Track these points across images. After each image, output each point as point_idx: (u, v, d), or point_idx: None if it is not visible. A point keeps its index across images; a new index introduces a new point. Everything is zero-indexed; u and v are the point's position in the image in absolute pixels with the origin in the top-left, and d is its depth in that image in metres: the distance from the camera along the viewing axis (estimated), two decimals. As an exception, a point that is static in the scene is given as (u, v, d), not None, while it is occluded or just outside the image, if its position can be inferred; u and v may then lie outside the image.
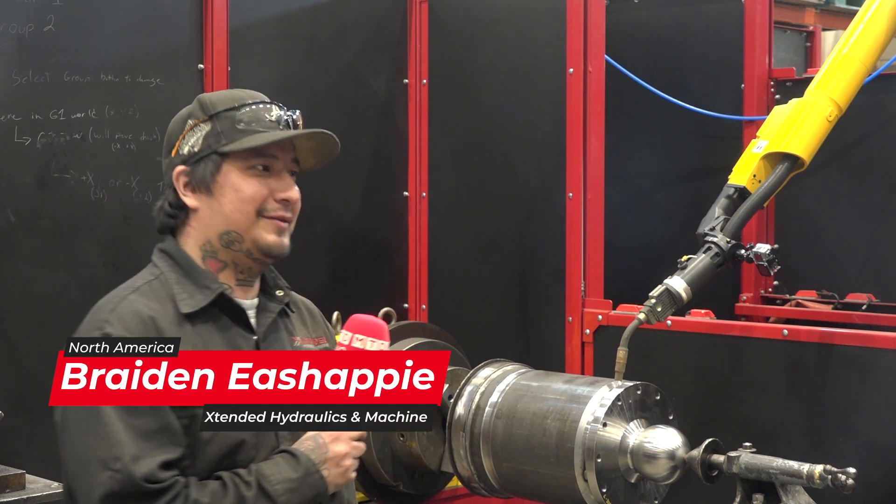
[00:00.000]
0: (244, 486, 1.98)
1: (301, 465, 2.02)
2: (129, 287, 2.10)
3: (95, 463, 1.92)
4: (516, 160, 3.66)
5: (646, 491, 2.64)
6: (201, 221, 2.12)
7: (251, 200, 2.09)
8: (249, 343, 2.11)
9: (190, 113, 2.14)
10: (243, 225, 2.10)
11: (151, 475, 1.92)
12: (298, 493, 2.01)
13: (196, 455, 2.00)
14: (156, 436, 1.95)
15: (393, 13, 3.91)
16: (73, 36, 3.24)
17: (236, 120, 2.10)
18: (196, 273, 2.10)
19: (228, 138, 2.09)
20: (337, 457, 2.05)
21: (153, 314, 2.03)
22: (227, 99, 2.13)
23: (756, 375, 3.02)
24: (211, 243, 2.12)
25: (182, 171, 2.11)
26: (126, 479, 1.91)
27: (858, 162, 4.03)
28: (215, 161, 2.09)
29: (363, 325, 2.08)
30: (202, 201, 2.11)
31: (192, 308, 2.06)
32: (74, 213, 3.26)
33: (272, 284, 2.21)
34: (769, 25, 4.16)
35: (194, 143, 2.11)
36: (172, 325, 2.04)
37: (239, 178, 2.09)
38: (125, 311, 2.02)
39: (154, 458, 1.93)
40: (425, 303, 3.90)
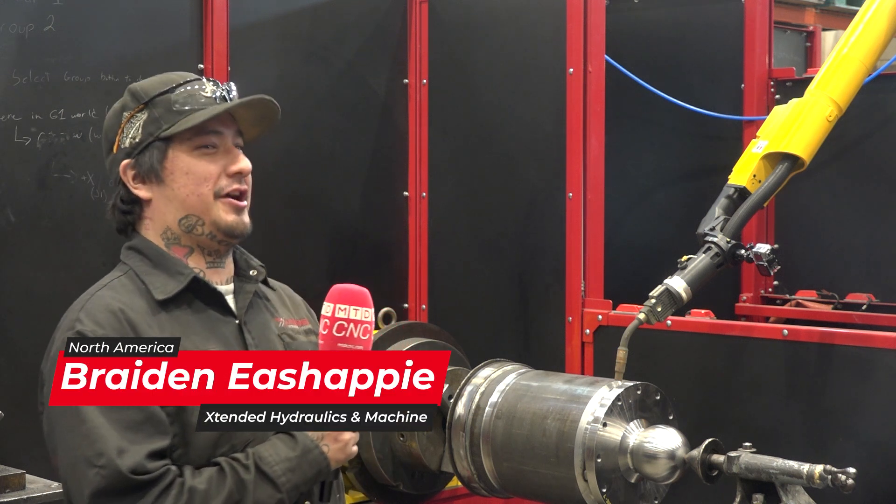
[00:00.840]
0: (242, 469, 1.97)
1: (298, 444, 2.01)
2: (98, 285, 2.09)
3: (81, 462, 1.91)
4: (516, 160, 3.66)
5: (646, 491, 2.64)
6: (157, 210, 2.09)
7: (204, 181, 2.07)
8: (231, 326, 2.10)
9: (123, 105, 2.10)
10: (200, 207, 2.07)
11: (139, 466, 1.91)
12: (299, 471, 2.00)
13: (188, 443, 1.98)
14: (141, 427, 1.93)
15: (393, 13, 3.91)
16: (73, 36, 3.24)
17: (172, 102, 2.06)
18: (166, 261, 2.08)
19: (168, 122, 2.06)
20: (334, 432, 2.02)
21: (122, 306, 2.01)
22: (158, 83, 2.09)
23: (756, 375, 3.02)
24: (171, 230, 2.10)
25: (128, 164, 2.08)
26: (112, 474, 1.90)
27: (858, 162, 4.03)
28: (160, 147, 2.06)
29: (343, 294, 2.05)
30: (154, 191, 2.08)
31: (165, 294, 2.05)
32: (74, 213, 3.26)
33: (244, 266, 2.18)
34: (769, 25, 4.16)
35: (134, 133, 2.07)
36: (145, 314, 2.02)
37: (188, 160, 2.06)
38: (94, 307, 2.02)
39: (140, 449, 1.92)
40: (425, 303, 3.90)
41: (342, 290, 2.05)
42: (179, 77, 2.10)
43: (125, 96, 2.12)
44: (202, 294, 2.09)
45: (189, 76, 2.11)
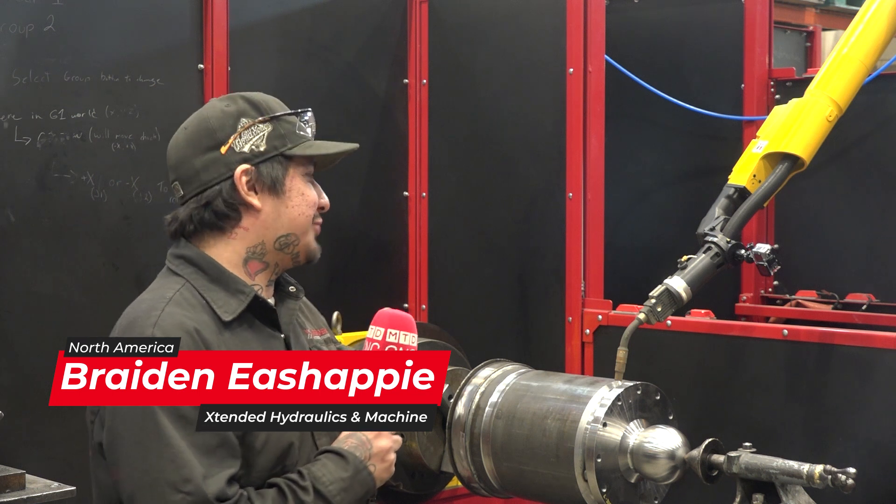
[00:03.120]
0: (301, 491, 1.99)
1: (350, 465, 2.04)
2: (161, 298, 2.05)
3: (164, 485, 1.91)
4: (516, 160, 3.66)
5: (646, 491, 2.64)
6: (262, 222, 2.11)
7: (313, 205, 2.15)
8: (279, 342, 2.13)
9: (241, 111, 2.11)
10: (303, 228, 2.14)
11: (221, 493, 1.92)
12: (351, 491, 2.03)
13: (249, 465, 2.00)
14: (217, 451, 1.95)
15: (393, 13, 3.91)
16: (73, 36, 3.24)
17: (296, 125, 2.14)
18: (226, 279, 2.08)
19: (293, 142, 2.12)
20: (381, 451, 2.09)
21: (197, 325, 2.01)
22: (276, 104, 2.16)
23: (756, 375, 3.02)
24: (264, 245, 2.12)
25: (246, 171, 2.08)
26: (200, 501, 1.90)
27: (858, 162, 4.03)
28: (282, 164, 2.11)
29: (394, 319, 2.12)
30: (267, 202, 2.10)
31: (231, 315, 2.05)
32: (74, 213, 3.26)
33: (283, 281, 2.21)
34: (769, 25, 4.16)
35: (257, 142, 2.09)
36: (214, 333, 2.02)
37: (301, 183, 2.14)
38: (168, 324, 1.99)
39: (221, 475, 1.93)
40: (425, 303, 3.90)
41: (392, 316, 2.13)
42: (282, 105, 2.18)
43: (238, 103, 2.12)
44: (258, 311, 2.11)
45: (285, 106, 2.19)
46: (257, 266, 2.11)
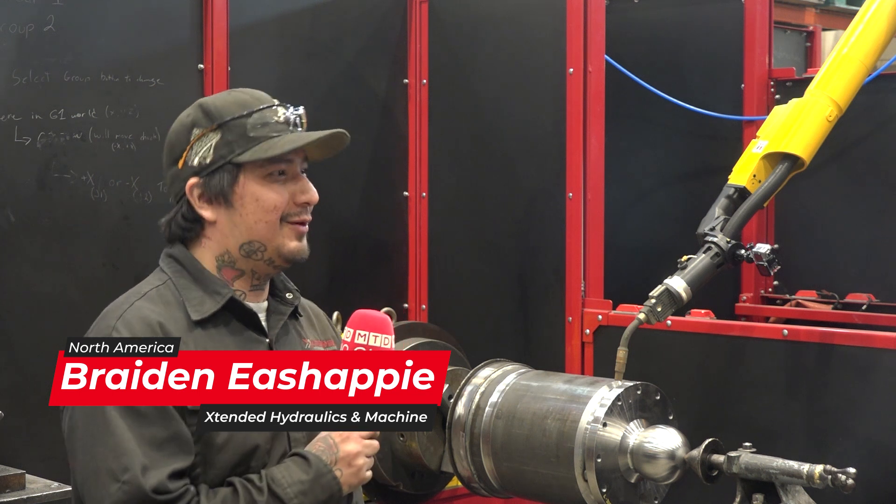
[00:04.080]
0: (256, 491, 1.97)
1: (312, 467, 2.00)
2: (137, 293, 2.06)
3: (105, 473, 1.91)
4: (516, 160, 3.66)
5: (646, 491, 2.64)
6: (220, 232, 2.09)
7: (274, 209, 2.07)
8: (262, 346, 2.10)
9: (194, 121, 2.08)
10: (267, 234, 2.07)
11: (161, 486, 1.91)
12: (311, 495, 1.99)
13: (209, 463, 1.99)
14: (166, 445, 1.94)
15: (393, 13, 3.91)
16: (73, 36, 3.24)
17: (246, 127, 2.05)
18: (205, 279, 2.08)
19: (242, 147, 2.05)
20: (348, 456, 2.03)
21: (161, 319, 2.01)
22: (232, 105, 2.08)
23: (756, 375, 3.02)
24: (230, 254, 2.09)
25: (195, 184, 2.06)
26: (135, 491, 1.90)
27: (858, 162, 4.03)
28: (231, 172, 2.05)
29: (365, 320, 2.06)
30: (220, 213, 2.07)
31: (201, 315, 2.04)
32: (74, 213, 3.26)
33: (281, 287, 2.19)
34: (769, 25, 4.16)
35: (205, 153, 2.05)
36: (182, 330, 2.02)
37: (258, 187, 2.06)
38: (132, 317, 2.00)
39: (164, 469, 1.92)
40: (425, 303, 3.90)
41: (363, 316, 2.06)
42: (254, 99, 2.09)
43: (195, 112, 2.09)
44: (238, 313, 2.09)
45: (263, 99, 2.10)
46: (231, 273, 2.10)
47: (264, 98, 2.11)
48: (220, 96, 2.12)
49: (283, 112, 2.09)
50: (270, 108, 2.08)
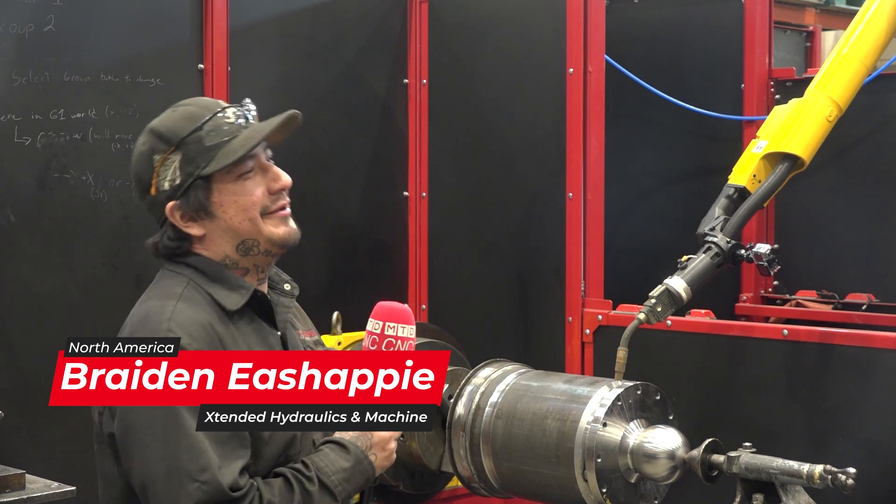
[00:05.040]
0: (307, 481, 2.02)
1: (351, 454, 2.07)
2: (171, 294, 2.08)
3: (182, 474, 1.92)
4: (516, 160, 3.66)
5: (646, 491, 2.64)
6: (212, 242, 2.12)
7: (253, 205, 2.10)
8: (276, 338, 2.15)
9: (153, 148, 2.10)
10: (254, 230, 2.11)
11: (235, 483, 1.95)
12: (352, 481, 2.06)
13: (258, 454, 2.02)
14: (230, 441, 1.97)
15: (393, 13, 3.91)
16: (73, 36, 3.24)
17: (202, 139, 2.08)
18: (225, 276, 2.11)
19: (205, 160, 2.08)
20: (382, 441, 2.10)
21: (210, 319, 2.04)
22: (182, 121, 2.10)
23: (756, 375, 3.02)
24: (230, 257, 2.13)
25: (174, 206, 2.10)
26: (214, 490, 1.92)
27: (858, 162, 4.03)
28: (202, 185, 2.08)
29: (393, 312, 2.12)
30: (206, 226, 2.11)
31: (235, 306, 2.08)
32: (74, 213, 3.26)
33: (276, 279, 2.23)
34: (769, 25, 4.16)
35: (172, 176, 2.09)
36: (222, 326, 2.06)
37: (232, 189, 2.10)
38: (184, 319, 2.02)
39: (234, 465, 1.95)
40: (425, 303, 3.90)
41: (391, 309, 2.13)
42: (201, 110, 2.12)
43: (150, 139, 2.11)
44: (258, 307, 2.13)
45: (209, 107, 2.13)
46: (239, 272, 2.14)
47: (210, 104, 2.14)
48: (168, 116, 2.14)
49: (232, 112, 2.12)
50: (218, 113, 2.11)
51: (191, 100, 2.18)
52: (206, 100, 2.18)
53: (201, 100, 2.18)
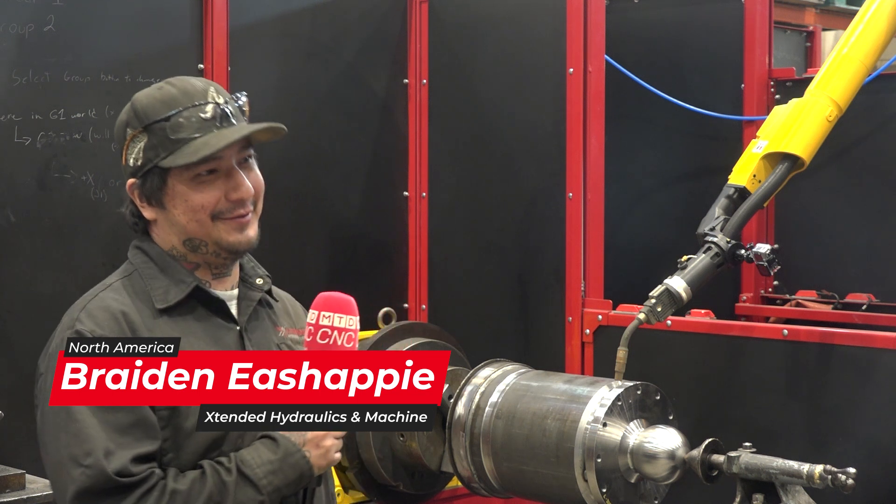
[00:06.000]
0: (224, 471, 1.98)
1: (280, 447, 2.02)
2: (103, 285, 2.10)
3: (68, 460, 1.93)
4: (516, 160, 3.66)
5: (646, 491, 2.64)
6: (162, 229, 2.10)
7: (201, 209, 2.05)
8: (233, 333, 2.11)
9: (128, 121, 2.07)
10: (202, 232, 2.07)
11: (124, 469, 1.92)
12: (280, 474, 2.01)
13: (179, 447, 2.00)
14: (130, 430, 1.95)
15: (393, 13, 3.91)
16: (73, 36, 3.24)
17: (168, 130, 2.02)
18: (171, 268, 2.09)
19: (165, 150, 2.02)
20: (316, 438, 2.04)
21: (125, 309, 2.03)
22: (158, 104, 2.04)
23: (756, 375, 3.02)
24: (177, 249, 2.10)
25: (134, 184, 2.08)
26: (98, 474, 1.91)
27: (858, 162, 4.03)
28: (159, 175, 2.04)
29: (329, 302, 2.05)
30: (158, 213, 2.08)
31: (165, 304, 2.06)
32: (74, 213, 3.26)
33: (251, 273, 2.19)
34: (769, 25, 4.16)
35: (136, 155, 2.06)
36: (147, 318, 2.03)
37: (186, 188, 2.04)
38: (95, 308, 2.02)
39: (127, 452, 1.93)
40: (425, 303, 3.90)
41: (326, 298, 2.06)
42: (182, 96, 2.04)
43: (129, 110, 2.08)
44: (205, 301, 2.10)
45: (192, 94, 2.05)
46: (188, 265, 2.12)
47: (195, 91, 2.06)
48: (151, 93, 2.08)
49: (211, 109, 2.04)
50: (195, 106, 2.04)
51: (181, 80, 2.09)
52: (194, 85, 2.07)
53: (189, 84, 2.08)
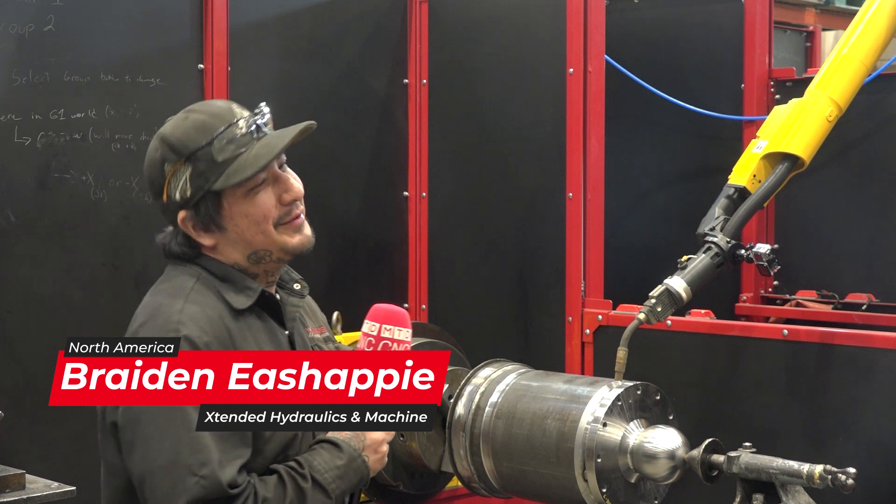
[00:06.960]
0: (301, 478, 2.03)
1: (345, 453, 2.07)
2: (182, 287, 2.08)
3: (182, 468, 1.93)
4: (516, 160, 3.66)
5: (646, 491, 2.64)
6: (222, 251, 2.12)
7: (265, 219, 2.09)
8: (284, 336, 2.15)
9: (164, 157, 2.08)
10: (267, 242, 2.11)
11: (233, 480, 1.95)
12: (346, 479, 2.07)
13: (258, 452, 2.03)
14: (231, 438, 1.97)
15: (393, 13, 3.91)
16: (73, 36, 3.24)
17: (213, 154, 2.05)
18: (233, 277, 2.11)
19: (215, 174, 2.05)
20: (375, 443, 2.10)
21: (220, 313, 2.05)
22: (193, 132, 2.06)
23: (756, 375, 3.02)
24: (239, 264, 2.13)
25: (186, 217, 2.09)
26: (213, 486, 1.93)
27: (858, 162, 4.03)
28: (213, 199, 2.07)
29: (389, 315, 2.12)
30: (218, 237, 2.10)
31: (243, 305, 2.08)
32: (74, 213, 3.26)
33: (286, 278, 2.23)
34: (769, 25, 4.16)
35: (183, 187, 2.07)
36: (231, 320, 2.06)
37: (244, 203, 2.08)
38: (195, 313, 2.02)
39: (235, 463, 1.96)
40: (425, 303, 3.90)
41: (388, 311, 2.13)
42: (213, 120, 2.07)
43: (162, 147, 2.08)
44: (265, 307, 2.13)
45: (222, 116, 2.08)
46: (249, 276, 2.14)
47: (223, 113, 2.09)
48: (179, 124, 2.10)
49: (244, 124, 2.08)
50: (230, 125, 2.07)
51: (203, 106, 2.13)
52: (218, 106, 2.12)
53: (214, 106, 2.13)
